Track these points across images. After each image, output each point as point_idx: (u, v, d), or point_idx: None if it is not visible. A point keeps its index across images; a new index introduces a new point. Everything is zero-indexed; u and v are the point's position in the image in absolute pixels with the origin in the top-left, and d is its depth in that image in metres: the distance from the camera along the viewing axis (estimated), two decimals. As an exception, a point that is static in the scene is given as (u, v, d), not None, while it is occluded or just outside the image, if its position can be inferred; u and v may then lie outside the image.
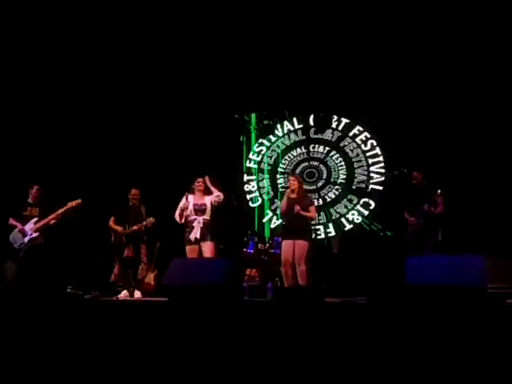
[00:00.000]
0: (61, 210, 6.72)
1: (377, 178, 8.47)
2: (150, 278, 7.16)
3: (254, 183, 9.18)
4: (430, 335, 3.45)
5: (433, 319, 3.66)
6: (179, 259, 5.22)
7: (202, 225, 6.41)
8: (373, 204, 8.29)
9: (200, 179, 6.65)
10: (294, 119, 9.18)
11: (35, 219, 6.73)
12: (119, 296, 6.65)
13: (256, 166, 9.25)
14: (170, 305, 4.76)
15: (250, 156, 9.28)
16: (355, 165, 8.70)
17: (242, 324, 3.87)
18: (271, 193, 8.99)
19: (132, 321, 4.25)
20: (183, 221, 6.52)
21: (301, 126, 9.14)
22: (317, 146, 9.01)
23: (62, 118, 8.70)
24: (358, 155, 8.72)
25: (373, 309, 4.31)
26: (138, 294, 6.71)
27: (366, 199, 8.42)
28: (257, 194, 9.15)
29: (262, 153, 9.25)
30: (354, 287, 6.25)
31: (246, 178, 9.23)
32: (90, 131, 8.80)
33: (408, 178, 6.92)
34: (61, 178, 8.13)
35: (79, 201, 6.75)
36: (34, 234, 6.67)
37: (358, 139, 8.74)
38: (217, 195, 6.58)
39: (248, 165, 9.26)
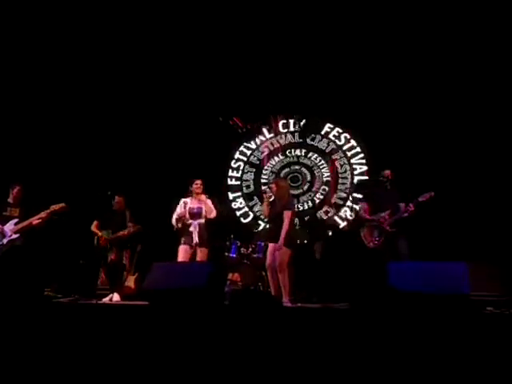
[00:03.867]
0: (43, 213, 6.61)
1: (360, 168, 8.64)
2: (131, 281, 7.10)
3: (240, 199, 9.25)
4: (412, 342, 3.44)
5: (415, 326, 3.66)
6: (159, 263, 5.17)
7: (198, 229, 6.35)
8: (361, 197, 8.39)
9: (198, 181, 6.55)
10: (280, 123, 9.26)
11: (15, 220, 6.60)
12: (105, 299, 6.59)
13: (238, 183, 9.29)
14: (149, 309, 4.71)
15: (230, 173, 9.34)
16: (336, 162, 8.87)
17: (221, 328, 3.84)
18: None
19: (110, 324, 4.20)
20: (180, 226, 6.44)
21: (283, 131, 9.28)
22: (293, 150, 9.13)
23: (48, 118, 8.67)
24: (334, 151, 8.91)
25: (355, 315, 4.30)
26: (116, 297, 6.65)
27: (355, 194, 8.58)
28: (246, 209, 9.20)
29: (241, 168, 9.30)
30: (335, 293, 6.24)
31: (230, 195, 9.29)
32: (75, 133, 8.77)
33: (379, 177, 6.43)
34: (43, 180, 8.08)
35: (63, 204, 6.65)
36: (14, 236, 6.55)
37: (330, 136, 8.91)
38: (210, 212, 6.48)
39: (230, 182, 9.32)
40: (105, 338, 3.92)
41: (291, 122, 9.24)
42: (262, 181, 9.18)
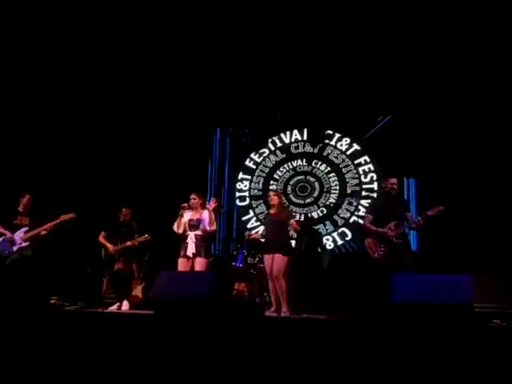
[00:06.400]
0: (53, 223, 6.67)
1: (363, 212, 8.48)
2: (138, 290, 7.15)
3: (246, 183, 9.25)
4: (416, 354, 3.42)
5: (419, 338, 3.64)
6: (165, 272, 5.20)
7: (194, 240, 6.36)
8: (349, 235, 8.46)
9: (193, 195, 6.56)
10: (288, 133, 9.24)
11: (25, 228, 6.68)
12: (111, 308, 6.64)
13: (255, 167, 9.29)
14: (154, 318, 4.73)
15: (252, 155, 9.33)
16: (347, 180, 8.80)
17: (226, 338, 3.85)
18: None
19: (115, 333, 4.22)
20: (181, 231, 6.46)
21: (294, 139, 9.21)
22: (311, 160, 9.08)
23: (59, 128, 8.76)
24: (351, 171, 8.81)
25: (358, 327, 4.28)
26: (125, 306, 6.69)
27: (344, 229, 8.56)
28: (246, 194, 9.20)
29: (265, 155, 9.29)
30: (340, 304, 6.22)
31: (240, 175, 9.29)
32: (85, 143, 8.85)
33: (383, 185, 6.31)
34: (53, 189, 8.16)
35: (72, 215, 6.71)
36: (24, 244, 6.61)
37: (356, 161, 8.83)
38: (208, 223, 6.41)
39: (247, 163, 9.31)
40: (110, 347, 3.94)
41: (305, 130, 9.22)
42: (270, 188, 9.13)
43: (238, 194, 9.26)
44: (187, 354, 3.75)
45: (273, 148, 9.29)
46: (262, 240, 6.78)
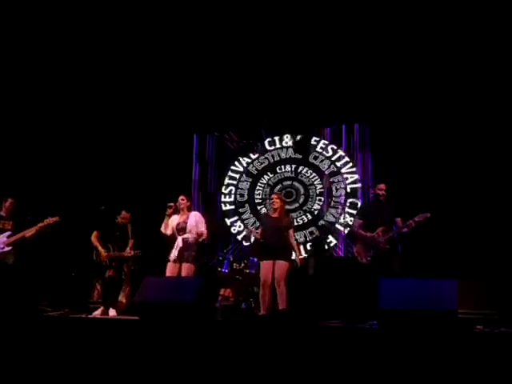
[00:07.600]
0: (37, 226, 6.58)
1: (351, 177, 8.63)
2: (122, 296, 7.10)
3: (238, 223, 9.16)
4: (402, 359, 3.44)
5: (405, 343, 3.66)
6: (151, 277, 5.19)
7: (181, 244, 6.33)
8: (359, 202, 8.39)
9: (181, 196, 6.54)
10: (266, 142, 9.26)
11: (8, 233, 6.60)
12: (95, 313, 6.57)
13: (233, 207, 9.24)
14: (139, 323, 4.72)
15: (223, 199, 9.27)
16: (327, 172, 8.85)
17: (210, 344, 3.84)
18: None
19: (99, 338, 4.19)
20: (169, 232, 6.43)
21: (270, 147, 9.24)
22: (283, 165, 9.11)
23: (41, 132, 8.69)
24: (323, 162, 8.88)
25: (346, 333, 4.30)
26: (112, 312, 6.64)
27: (351, 199, 8.52)
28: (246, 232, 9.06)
29: (232, 192, 9.27)
30: (327, 310, 6.22)
31: (227, 221, 9.18)
32: (68, 145, 8.80)
33: (373, 191, 6.36)
34: (36, 193, 8.08)
35: (57, 218, 6.64)
36: (6, 248, 6.54)
37: (318, 148, 8.91)
38: (199, 233, 6.38)
39: (224, 208, 9.25)
40: (94, 352, 3.91)
41: (285, 136, 9.19)
42: (256, 193, 9.15)
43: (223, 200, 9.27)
44: (172, 358, 3.74)
45: (235, 182, 9.30)
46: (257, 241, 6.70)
